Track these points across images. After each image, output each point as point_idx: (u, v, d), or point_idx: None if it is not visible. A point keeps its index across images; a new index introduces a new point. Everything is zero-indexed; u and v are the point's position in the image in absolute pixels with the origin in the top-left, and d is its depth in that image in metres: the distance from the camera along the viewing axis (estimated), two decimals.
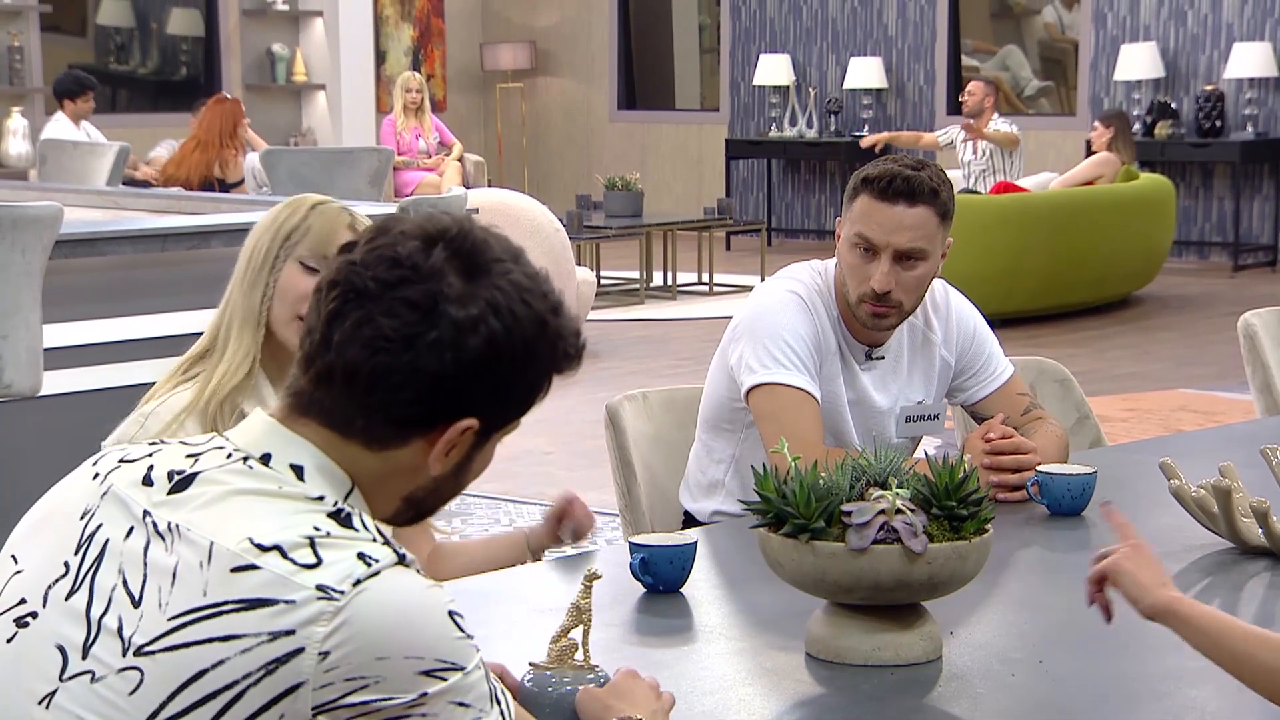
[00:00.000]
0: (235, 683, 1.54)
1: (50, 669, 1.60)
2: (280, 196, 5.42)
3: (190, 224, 5.26)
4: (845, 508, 2.20)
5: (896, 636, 2.24)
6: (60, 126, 10.75)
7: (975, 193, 10.67)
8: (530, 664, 2.04)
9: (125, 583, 1.60)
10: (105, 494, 1.67)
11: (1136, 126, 12.28)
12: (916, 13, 14.04)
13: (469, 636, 1.62)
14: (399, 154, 12.77)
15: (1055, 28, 14.06)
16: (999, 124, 11.48)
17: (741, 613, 2.62)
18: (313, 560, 1.57)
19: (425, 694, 1.56)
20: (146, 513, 1.63)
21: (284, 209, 2.83)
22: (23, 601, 1.65)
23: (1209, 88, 12.73)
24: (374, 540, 1.62)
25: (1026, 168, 11.73)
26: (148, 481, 1.65)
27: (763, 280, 3.85)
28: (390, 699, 1.56)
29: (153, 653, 1.56)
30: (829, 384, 3.26)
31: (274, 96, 13.87)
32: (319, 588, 1.55)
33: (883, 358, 3.32)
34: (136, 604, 1.59)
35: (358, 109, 13.60)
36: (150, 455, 1.69)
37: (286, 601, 1.55)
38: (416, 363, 1.62)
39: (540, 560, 2.94)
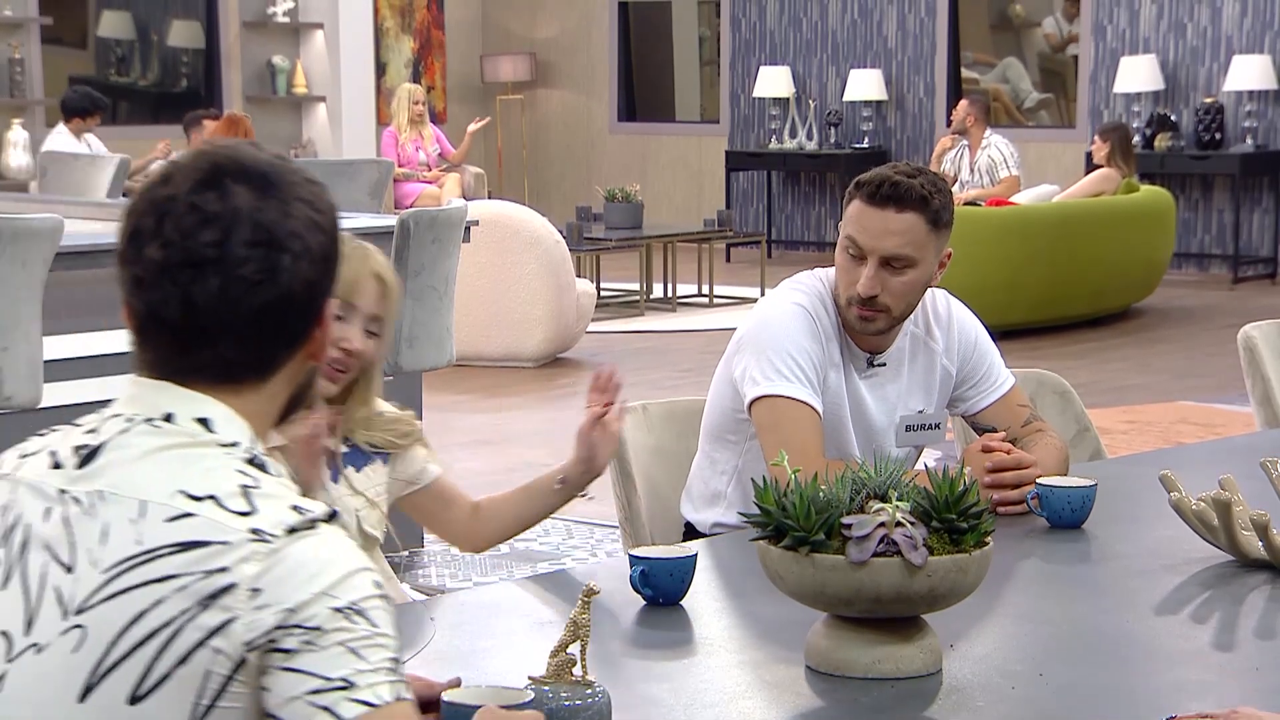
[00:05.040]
0: (173, 619, 1.58)
1: None
2: None
3: None
4: (845, 520, 2.20)
5: (896, 649, 2.24)
6: (61, 139, 10.75)
7: (976, 205, 10.68)
8: (529, 678, 2.04)
9: (55, 556, 1.65)
10: (16, 488, 1.71)
11: (1136, 139, 12.28)
12: (916, 25, 14.05)
13: (390, 615, 1.62)
14: (400, 165, 12.79)
15: (1055, 39, 14.07)
16: (992, 147, 11.50)
17: (741, 625, 2.62)
18: (247, 508, 1.62)
19: (320, 628, 1.58)
20: (63, 491, 1.67)
21: None
22: None
23: (1208, 100, 12.74)
24: (296, 491, 1.67)
25: (1027, 180, 11.74)
26: (56, 465, 1.70)
27: (763, 292, 3.85)
28: (298, 628, 1.58)
29: (92, 606, 1.61)
30: (831, 393, 3.26)
31: (274, 108, 13.89)
32: (253, 530, 1.60)
33: (884, 364, 3.32)
34: (70, 570, 1.63)
35: (358, 121, 13.62)
36: (48, 442, 1.73)
37: (221, 543, 1.59)
38: (290, 284, 1.69)
39: (584, 496, 2.92)
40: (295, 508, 1.63)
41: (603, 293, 11.48)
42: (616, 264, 12.49)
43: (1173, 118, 12.84)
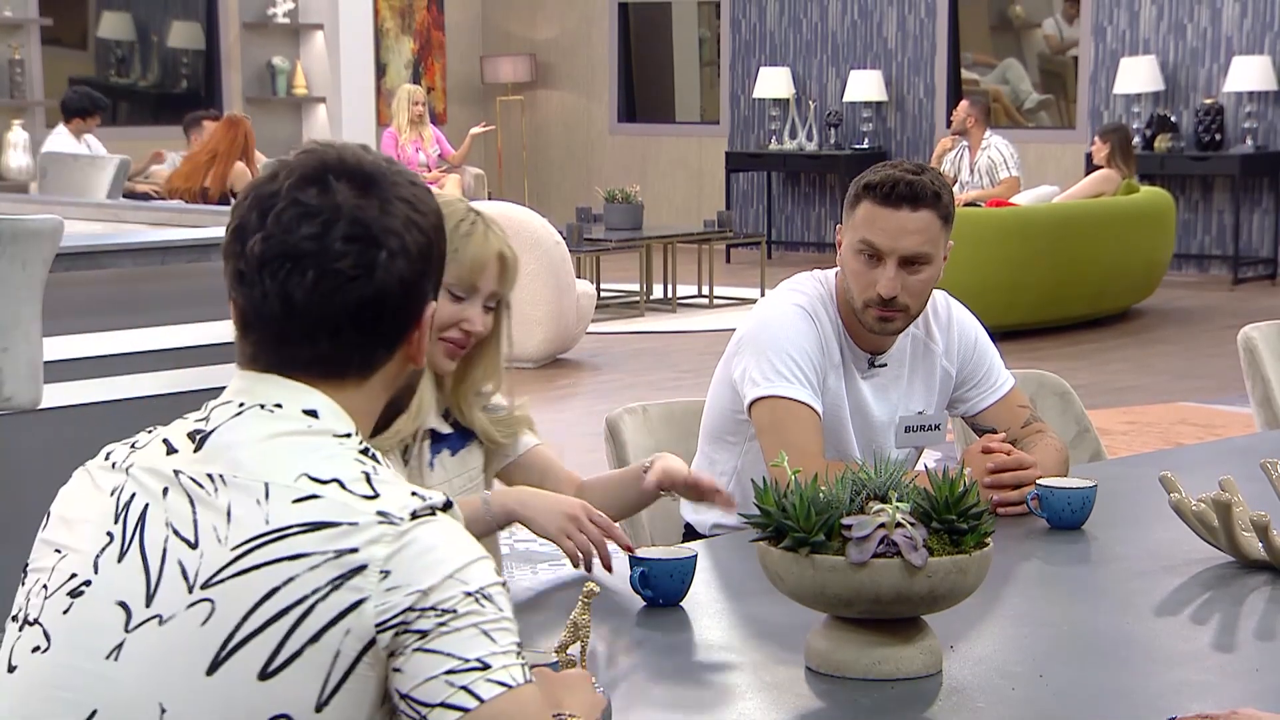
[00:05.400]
0: (305, 598, 1.61)
1: (114, 624, 1.66)
2: None
3: (191, 237, 5.26)
4: (845, 521, 2.20)
5: (896, 650, 2.24)
6: (61, 139, 10.75)
7: (976, 206, 10.68)
8: None
9: (176, 532, 1.67)
10: (130, 471, 1.73)
11: (1136, 140, 12.28)
12: (916, 25, 14.06)
13: (510, 602, 1.67)
14: None
15: (1055, 40, 14.07)
16: (992, 148, 11.50)
17: (741, 626, 2.62)
18: (371, 492, 1.65)
19: (454, 610, 1.61)
20: (178, 471, 1.70)
21: None
22: (73, 576, 1.71)
23: (1208, 101, 12.74)
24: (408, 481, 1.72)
25: (1027, 181, 11.74)
26: (170, 451, 1.72)
27: (763, 293, 3.85)
28: (432, 610, 1.61)
29: (221, 582, 1.63)
30: (831, 394, 3.26)
31: (274, 109, 13.89)
32: (380, 513, 1.64)
33: (885, 365, 3.33)
34: (194, 546, 1.66)
35: (358, 122, 13.61)
36: (158, 434, 1.76)
37: (350, 523, 1.63)
38: (386, 281, 1.72)
39: (672, 496, 2.95)
40: (415, 494, 1.67)
41: (603, 293, 11.49)
42: (616, 265, 12.49)
43: (1173, 119, 12.84)
